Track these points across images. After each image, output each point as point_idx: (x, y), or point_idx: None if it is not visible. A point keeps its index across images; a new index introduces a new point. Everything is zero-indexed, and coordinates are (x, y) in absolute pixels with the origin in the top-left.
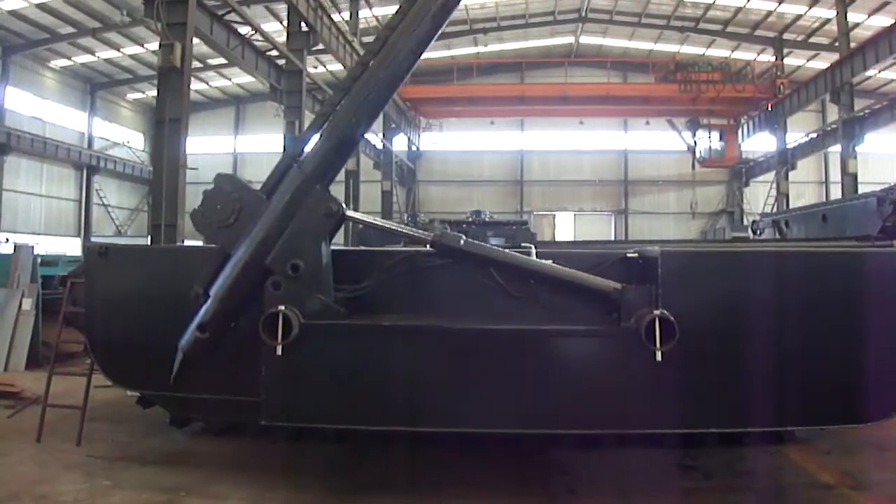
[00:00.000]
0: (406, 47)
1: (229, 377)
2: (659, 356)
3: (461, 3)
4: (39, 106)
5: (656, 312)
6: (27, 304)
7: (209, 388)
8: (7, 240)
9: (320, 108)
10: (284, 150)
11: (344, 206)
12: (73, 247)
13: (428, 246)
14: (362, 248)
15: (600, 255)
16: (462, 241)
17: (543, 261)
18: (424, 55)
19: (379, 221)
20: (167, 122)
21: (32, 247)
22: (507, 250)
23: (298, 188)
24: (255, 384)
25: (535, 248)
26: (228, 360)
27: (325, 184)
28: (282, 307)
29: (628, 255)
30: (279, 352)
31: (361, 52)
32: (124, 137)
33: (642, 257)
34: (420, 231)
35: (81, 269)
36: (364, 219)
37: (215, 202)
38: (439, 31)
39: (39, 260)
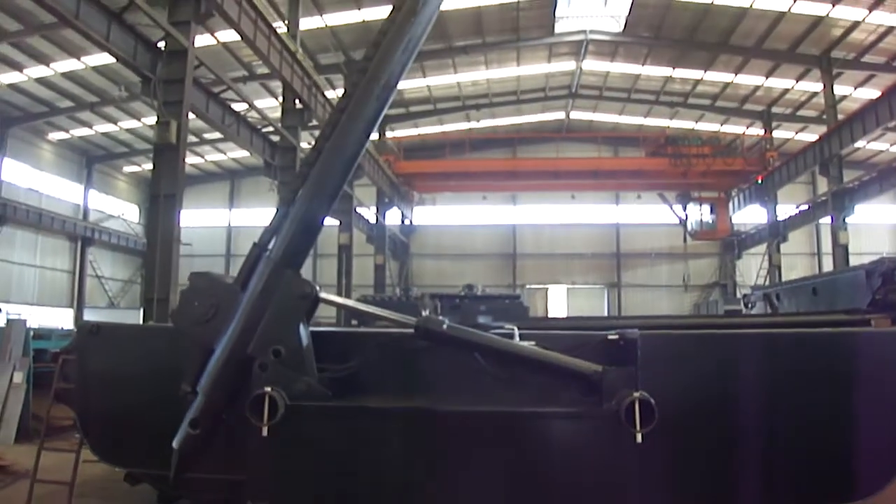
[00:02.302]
0: (356, 129)
1: (218, 455)
2: (639, 438)
3: (454, 80)
4: (36, 178)
5: (636, 394)
6: (18, 377)
7: (198, 467)
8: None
9: (282, 195)
10: None
11: (317, 287)
12: (65, 317)
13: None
14: (348, 328)
15: (582, 337)
16: (445, 326)
17: (526, 343)
18: (417, 130)
19: (354, 304)
20: (162, 197)
21: (25, 321)
22: (490, 334)
23: (270, 275)
24: (244, 462)
25: (519, 329)
26: (217, 438)
27: (295, 268)
28: (268, 388)
29: (609, 336)
30: (265, 433)
31: None
32: (119, 210)
33: (622, 339)
34: (401, 315)
35: (73, 346)
36: (339, 301)
37: (192, 300)
38: (385, 109)
39: (32, 333)
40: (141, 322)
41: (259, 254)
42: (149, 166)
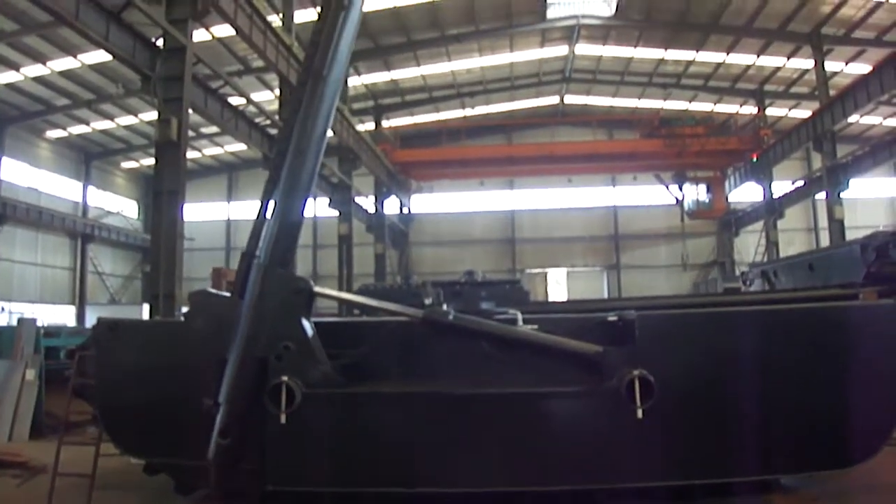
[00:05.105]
0: (313, 126)
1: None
2: (640, 413)
3: (448, 68)
4: (35, 176)
5: (635, 372)
6: (31, 374)
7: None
8: (2, 309)
9: (261, 199)
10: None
11: (311, 282)
12: (67, 315)
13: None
14: (354, 318)
15: (582, 319)
16: (451, 316)
17: (528, 328)
18: (413, 118)
19: (349, 296)
20: (165, 194)
21: (35, 319)
22: (493, 321)
23: (264, 279)
24: (257, 451)
25: (522, 314)
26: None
27: (285, 266)
28: (284, 378)
29: (609, 318)
30: (283, 420)
31: (350, 118)
32: (118, 206)
33: (621, 320)
34: (408, 308)
35: (90, 342)
36: (334, 294)
37: (197, 318)
38: (335, 103)
39: (42, 331)
40: (147, 317)
41: (249, 261)
42: (147, 162)
